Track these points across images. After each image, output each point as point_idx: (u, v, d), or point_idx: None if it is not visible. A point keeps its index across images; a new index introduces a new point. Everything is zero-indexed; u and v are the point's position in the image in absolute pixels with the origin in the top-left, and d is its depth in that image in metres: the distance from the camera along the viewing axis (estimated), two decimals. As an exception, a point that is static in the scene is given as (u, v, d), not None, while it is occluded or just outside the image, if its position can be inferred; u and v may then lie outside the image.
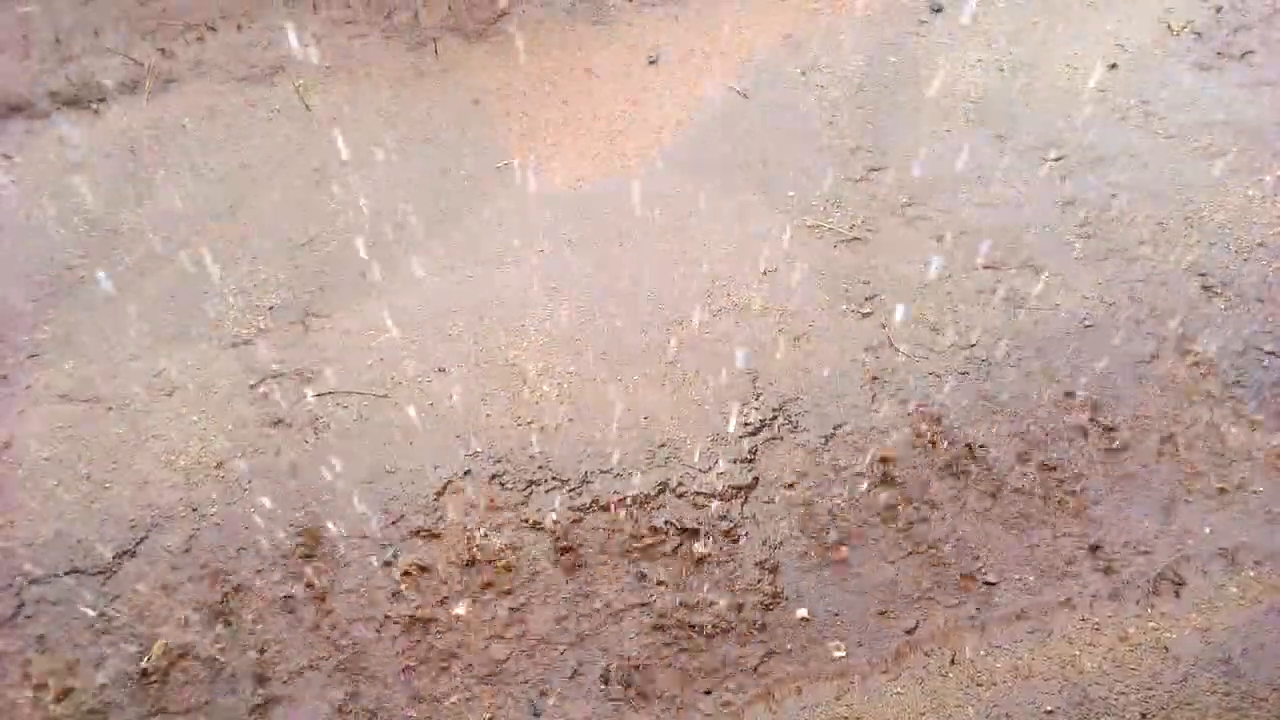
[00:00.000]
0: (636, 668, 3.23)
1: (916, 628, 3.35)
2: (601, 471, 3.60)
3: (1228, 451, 3.74)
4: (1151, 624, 3.35)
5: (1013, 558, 3.50)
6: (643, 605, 3.34)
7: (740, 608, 3.35)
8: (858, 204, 4.56)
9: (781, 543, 3.49)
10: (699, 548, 3.46)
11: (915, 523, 3.55)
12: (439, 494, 3.54)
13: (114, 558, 3.34)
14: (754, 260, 4.28)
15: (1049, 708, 3.16)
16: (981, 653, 3.30)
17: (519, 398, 3.80)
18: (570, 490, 3.56)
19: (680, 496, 3.56)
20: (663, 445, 3.68)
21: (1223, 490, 3.65)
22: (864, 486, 3.61)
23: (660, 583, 3.39)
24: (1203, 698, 3.18)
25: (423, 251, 4.34)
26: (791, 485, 3.60)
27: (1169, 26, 5.40)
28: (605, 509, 3.52)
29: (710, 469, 3.63)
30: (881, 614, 3.37)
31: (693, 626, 3.32)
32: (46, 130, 4.76)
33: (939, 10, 5.59)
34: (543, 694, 3.17)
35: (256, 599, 3.29)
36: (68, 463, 3.56)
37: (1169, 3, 5.54)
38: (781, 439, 3.72)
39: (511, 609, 3.31)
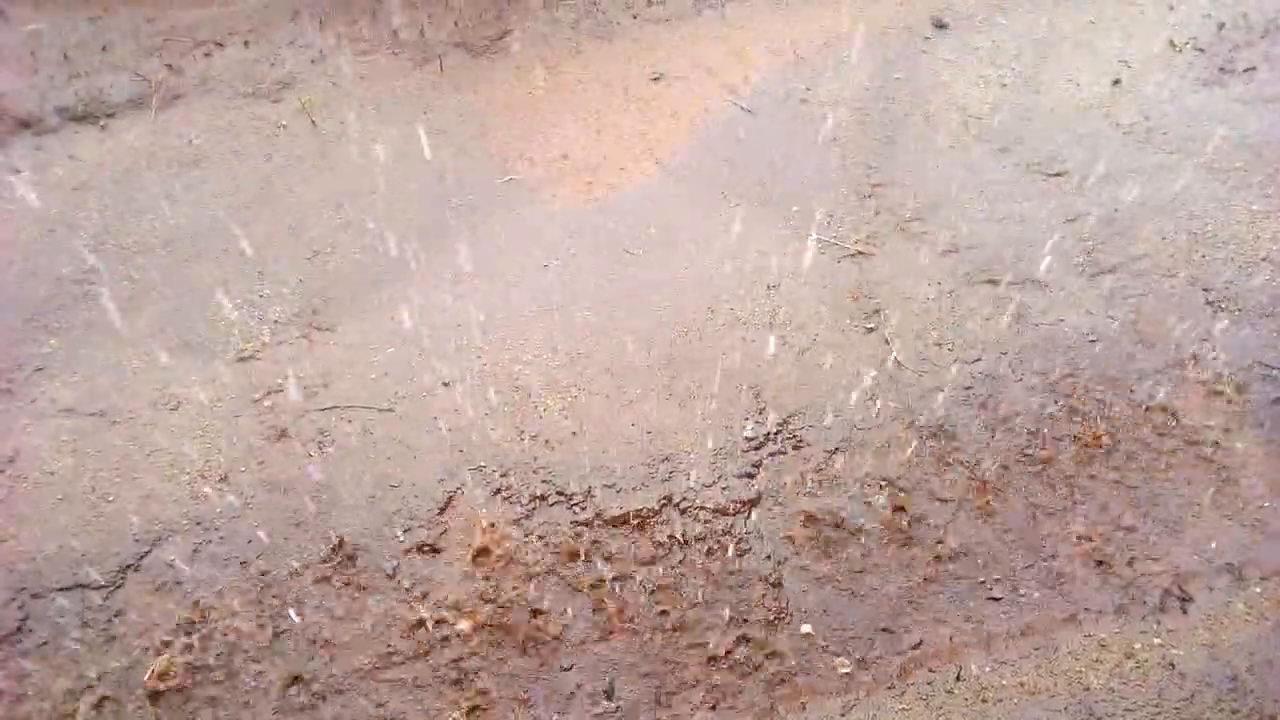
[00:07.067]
0: (638, 681, 3.22)
1: (921, 643, 3.34)
2: (605, 486, 3.60)
3: (1233, 466, 3.73)
4: (1157, 640, 3.33)
5: (1018, 572, 3.48)
6: (644, 619, 3.33)
7: (745, 623, 3.34)
8: (862, 219, 4.57)
9: (786, 558, 3.48)
10: (702, 563, 3.45)
11: (919, 537, 3.54)
12: (443, 508, 3.53)
13: (118, 572, 3.34)
14: (758, 275, 4.29)
15: (1055, 725, 3.15)
16: (987, 669, 3.28)
17: (523, 412, 3.81)
18: (574, 505, 3.55)
19: (684, 511, 3.55)
20: (666, 459, 3.67)
21: (1229, 505, 3.64)
22: (867, 501, 3.61)
23: (662, 596, 3.38)
24: (1209, 715, 3.16)
25: (427, 266, 4.36)
26: (795, 500, 3.60)
27: (1172, 43, 5.42)
28: (609, 523, 3.52)
29: (714, 483, 3.63)
30: (886, 629, 3.36)
31: (696, 642, 3.31)
32: (54, 145, 4.80)
33: (943, 27, 5.62)
34: (529, 707, 3.16)
35: (258, 611, 3.29)
36: (72, 476, 3.56)
37: (1172, 19, 5.57)
38: (785, 453, 3.72)
39: (512, 624, 3.31)
